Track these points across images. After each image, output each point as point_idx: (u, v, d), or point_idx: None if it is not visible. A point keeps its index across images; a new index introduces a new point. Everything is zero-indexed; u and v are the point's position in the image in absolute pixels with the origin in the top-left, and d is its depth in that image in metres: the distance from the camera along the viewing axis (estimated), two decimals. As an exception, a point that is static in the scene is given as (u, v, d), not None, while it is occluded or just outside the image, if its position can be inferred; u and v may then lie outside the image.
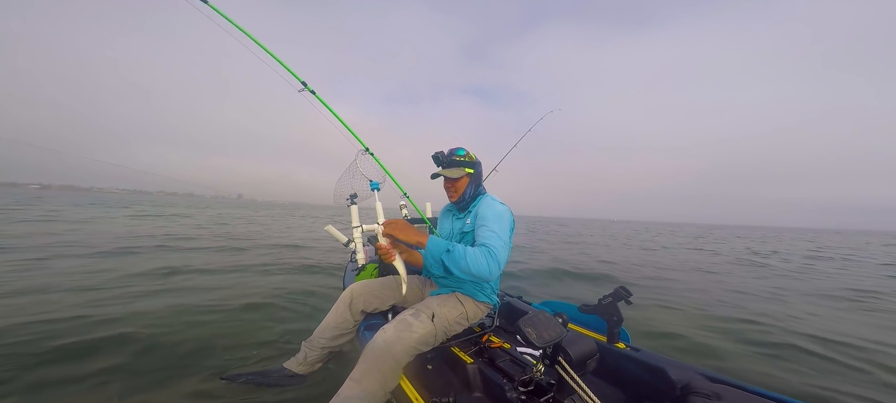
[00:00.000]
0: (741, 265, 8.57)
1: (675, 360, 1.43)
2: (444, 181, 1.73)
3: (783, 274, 7.13)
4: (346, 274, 2.92)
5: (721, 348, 2.91)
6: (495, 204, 1.59)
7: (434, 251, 1.36)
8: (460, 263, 1.31)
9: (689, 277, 6.37)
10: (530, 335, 1.12)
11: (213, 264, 5.25)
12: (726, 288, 5.48)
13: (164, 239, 7.60)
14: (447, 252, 1.34)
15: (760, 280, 6.38)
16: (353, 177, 2.90)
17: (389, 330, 1.37)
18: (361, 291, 1.78)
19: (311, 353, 1.75)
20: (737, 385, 1.22)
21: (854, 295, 5.18)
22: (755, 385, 1.21)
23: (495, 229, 1.44)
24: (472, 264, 1.30)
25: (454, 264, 1.32)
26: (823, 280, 6.59)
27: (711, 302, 4.46)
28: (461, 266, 1.31)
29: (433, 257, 1.36)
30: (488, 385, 1.45)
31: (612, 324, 1.60)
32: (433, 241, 1.38)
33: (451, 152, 1.68)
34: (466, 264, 1.30)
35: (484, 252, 1.34)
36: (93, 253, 5.52)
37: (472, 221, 1.63)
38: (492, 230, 1.43)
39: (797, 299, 4.84)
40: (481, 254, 1.33)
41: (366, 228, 2.82)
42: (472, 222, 1.63)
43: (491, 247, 1.35)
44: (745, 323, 3.56)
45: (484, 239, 1.40)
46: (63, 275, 3.98)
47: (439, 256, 1.34)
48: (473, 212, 1.65)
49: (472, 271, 1.31)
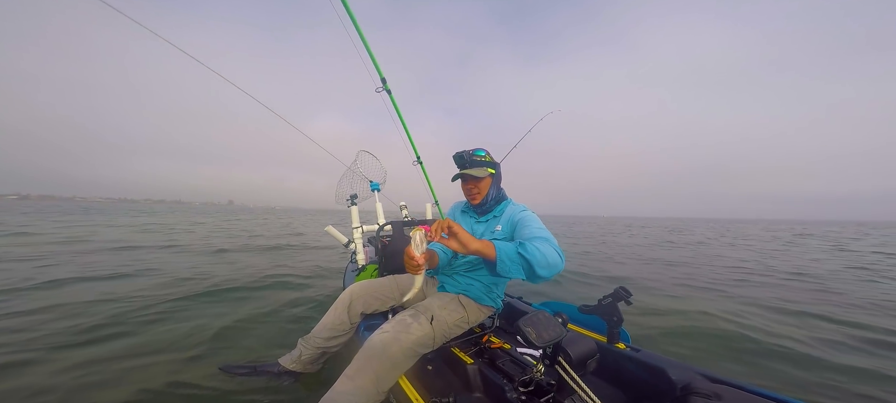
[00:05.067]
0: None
1: (676, 360, 1.43)
2: (463, 182, 1.66)
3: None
4: (347, 274, 2.92)
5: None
6: (526, 209, 1.57)
7: (509, 250, 1.14)
8: (536, 255, 1.12)
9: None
10: (530, 335, 1.12)
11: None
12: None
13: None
14: (520, 252, 1.14)
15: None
16: (354, 178, 2.91)
17: (386, 330, 1.37)
18: (361, 292, 1.78)
19: (306, 352, 1.75)
20: (737, 385, 1.22)
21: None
22: (756, 386, 1.21)
23: (541, 226, 1.40)
24: (547, 254, 1.14)
25: (533, 257, 1.12)
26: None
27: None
28: (535, 259, 1.12)
29: (509, 258, 1.13)
30: (488, 385, 1.45)
31: (611, 324, 1.60)
32: (500, 243, 1.17)
33: (472, 152, 1.61)
34: (542, 254, 1.13)
35: (548, 244, 1.20)
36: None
37: (505, 229, 1.55)
38: (539, 227, 1.38)
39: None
40: (548, 246, 1.18)
41: (366, 229, 2.82)
42: (505, 230, 1.55)
43: (548, 238, 1.26)
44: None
45: (536, 233, 1.30)
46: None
47: (514, 254, 1.13)
48: (503, 220, 1.58)
49: (548, 261, 1.14)
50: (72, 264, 5.01)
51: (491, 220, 1.68)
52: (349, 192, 2.82)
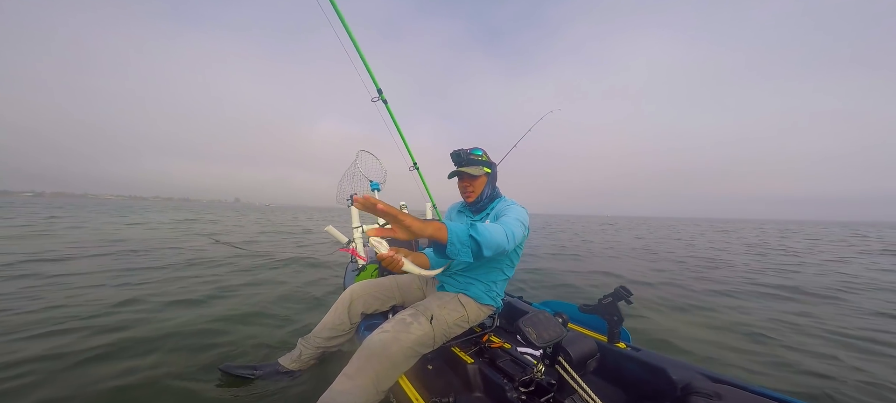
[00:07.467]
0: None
1: (676, 360, 1.43)
2: (459, 181, 1.67)
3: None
4: (347, 274, 2.91)
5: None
6: (514, 204, 1.59)
7: (459, 232, 1.15)
8: (485, 235, 1.17)
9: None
10: (530, 335, 1.12)
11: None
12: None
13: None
14: (473, 228, 1.18)
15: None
16: (354, 178, 2.90)
17: (386, 330, 1.37)
18: (361, 292, 1.78)
19: (306, 351, 1.76)
20: (738, 384, 1.21)
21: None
22: (757, 385, 1.20)
23: (512, 215, 1.46)
24: (494, 232, 1.22)
25: (482, 237, 1.16)
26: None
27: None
28: (485, 238, 1.17)
29: (459, 239, 1.14)
30: (489, 385, 1.45)
31: (612, 324, 1.59)
32: (452, 224, 1.16)
33: (469, 151, 1.63)
34: (490, 233, 1.20)
35: (501, 228, 1.27)
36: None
37: (492, 221, 1.59)
38: (513, 217, 1.44)
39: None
40: (499, 225, 1.28)
41: (366, 228, 2.82)
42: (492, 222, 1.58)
43: (506, 222, 1.35)
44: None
45: (501, 221, 1.37)
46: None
47: (466, 236, 1.15)
48: (492, 216, 1.62)
49: (495, 239, 1.21)
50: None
51: (485, 218, 1.68)
52: (349, 192, 2.82)
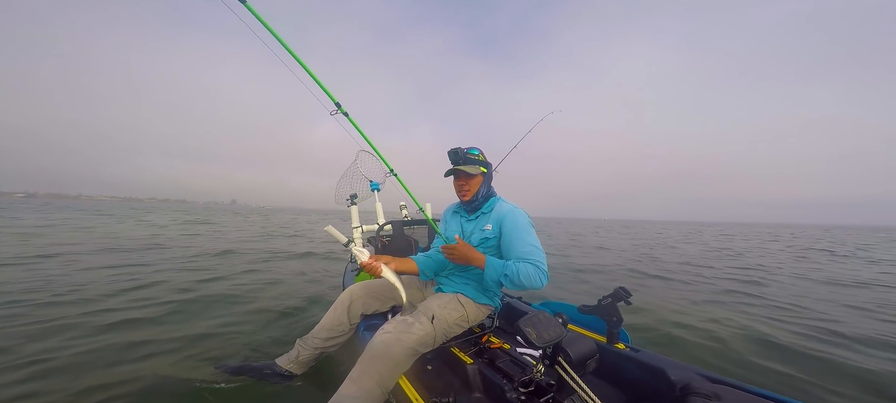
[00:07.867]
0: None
1: (675, 361, 1.43)
2: (455, 179, 1.69)
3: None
4: (346, 274, 2.91)
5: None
6: (518, 214, 1.59)
7: (494, 275, 1.48)
8: (515, 282, 1.44)
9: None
10: (530, 335, 1.12)
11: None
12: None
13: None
14: (505, 276, 1.46)
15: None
16: (354, 178, 2.89)
17: (388, 331, 1.37)
18: (361, 293, 1.77)
19: (304, 352, 1.75)
20: (737, 385, 1.22)
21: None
22: (756, 386, 1.21)
23: (532, 241, 1.51)
24: (525, 281, 1.42)
25: (511, 284, 1.45)
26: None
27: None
28: (516, 283, 1.44)
29: (493, 280, 1.50)
30: (488, 385, 1.45)
31: (611, 325, 1.59)
32: (491, 264, 1.50)
33: (466, 150, 1.66)
34: (521, 282, 1.43)
35: (533, 269, 1.44)
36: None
37: (495, 229, 1.61)
38: (530, 243, 1.50)
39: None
40: (533, 271, 1.43)
41: (366, 229, 2.81)
42: (495, 230, 1.61)
43: (537, 262, 1.45)
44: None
45: (526, 255, 1.47)
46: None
47: (498, 278, 1.47)
48: (492, 219, 1.63)
49: (526, 286, 1.43)
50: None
51: (480, 218, 1.70)
52: (349, 192, 2.82)
